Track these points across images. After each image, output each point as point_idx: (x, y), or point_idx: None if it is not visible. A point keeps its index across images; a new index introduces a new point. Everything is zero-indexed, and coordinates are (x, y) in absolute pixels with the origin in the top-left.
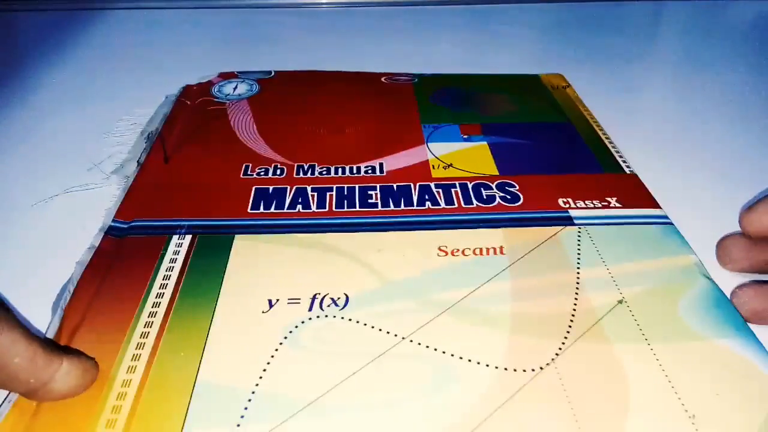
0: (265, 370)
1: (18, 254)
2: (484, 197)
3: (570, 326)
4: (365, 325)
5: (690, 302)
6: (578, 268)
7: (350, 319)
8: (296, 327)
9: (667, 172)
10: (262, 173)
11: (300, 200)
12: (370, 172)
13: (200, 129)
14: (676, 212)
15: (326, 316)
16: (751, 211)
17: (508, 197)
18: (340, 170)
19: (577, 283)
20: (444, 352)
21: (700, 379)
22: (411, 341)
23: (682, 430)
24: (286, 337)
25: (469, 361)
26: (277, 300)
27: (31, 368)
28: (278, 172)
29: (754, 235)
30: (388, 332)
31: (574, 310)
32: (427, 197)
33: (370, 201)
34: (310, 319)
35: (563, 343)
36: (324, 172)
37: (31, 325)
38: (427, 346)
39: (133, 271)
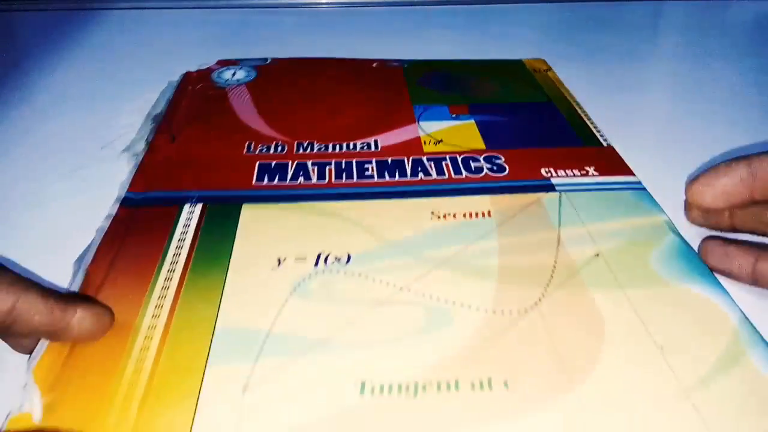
0: (277, 315)
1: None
2: (473, 168)
3: (551, 276)
4: (366, 278)
5: (660, 254)
6: (559, 227)
7: (353, 274)
8: (304, 281)
9: (667, 173)
10: (264, 150)
11: (301, 173)
12: (365, 148)
13: (203, 111)
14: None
15: (330, 271)
16: (693, 184)
17: (495, 168)
18: (337, 147)
19: (558, 240)
20: (438, 299)
21: (668, 317)
22: (408, 291)
23: (652, 359)
24: (295, 289)
25: (461, 306)
26: (285, 258)
27: (50, 320)
28: (279, 149)
29: (701, 208)
30: (387, 283)
31: (555, 263)
32: (419, 169)
33: (366, 173)
34: (316, 273)
35: (545, 290)
36: (322, 149)
37: (49, 283)
38: (423, 295)
39: (149, 234)
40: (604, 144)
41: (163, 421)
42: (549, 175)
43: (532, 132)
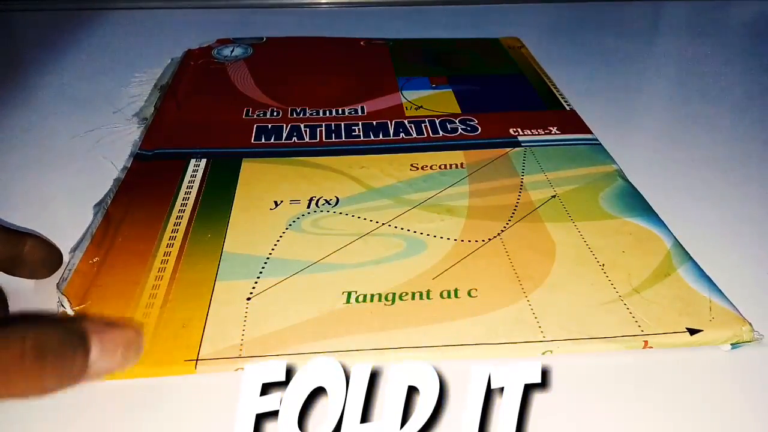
0: (275, 244)
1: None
2: (449, 129)
3: (513, 213)
4: (353, 216)
5: (608, 195)
6: (522, 175)
7: (341, 213)
8: (298, 218)
9: (668, 179)
10: (261, 115)
11: (295, 134)
12: (353, 113)
13: (205, 83)
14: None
15: (321, 211)
16: None
17: (469, 129)
18: (327, 112)
19: (521, 185)
20: (415, 232)
21: (611, 242)
22: (389, 225)
23: (594, 274)
24: (290, 225)
25: (434, 236)
26: (281, 201)
27: (6, 246)
28: (275, 114)
29: None
30: (371, 220)
31: (517, 202)
32: (401, 130)
33: (353, 134)
34: (308, 213)
35: (507, 223)
36: (314, 114)
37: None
38: (402, 228)
39: (161, 182)
40: (567, 108)
41: (180, 318)
42: (516, 133)
43: (504, 99)
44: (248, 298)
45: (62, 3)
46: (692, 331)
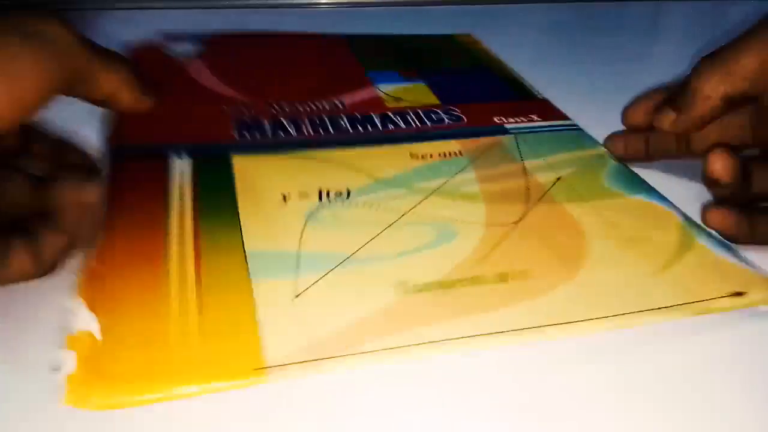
0: (300, 239)
1: None
2: (435, 119)
3: (529, 196)
4: (371, 206)
5: (608, 175)
6: (522, 160)
7: (357, 204)
8: (313, 212)
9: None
10: (234, 109)
11: (279, 128)
12: (332, 107)
13: (165, 81)
14: None
15: (335, 204)
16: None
17: (454, 118)
18: (307, 107)
19: (524, 170)
20: (441, 218)
21: (629, 219)
22: (412, 214)
23: (627, 249)
24: (308, 218)
25: (461, 222)
26: (289, 194)
27: None
28: (252, 110)
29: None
30: (392, 210)
31: (528, 186)
32: (388, 122)
33: (340, 127)
34: (322, 206)
35: (528, 205)
36: (293, 108)
37: None
38: (426, 216)
39: (144, 182)
40: (539, 97)
41: (227, 324)
42: (501, 121)
43: (478, 91)
44: (297, 296)
45: (62, 3)
46: (737, 294)
